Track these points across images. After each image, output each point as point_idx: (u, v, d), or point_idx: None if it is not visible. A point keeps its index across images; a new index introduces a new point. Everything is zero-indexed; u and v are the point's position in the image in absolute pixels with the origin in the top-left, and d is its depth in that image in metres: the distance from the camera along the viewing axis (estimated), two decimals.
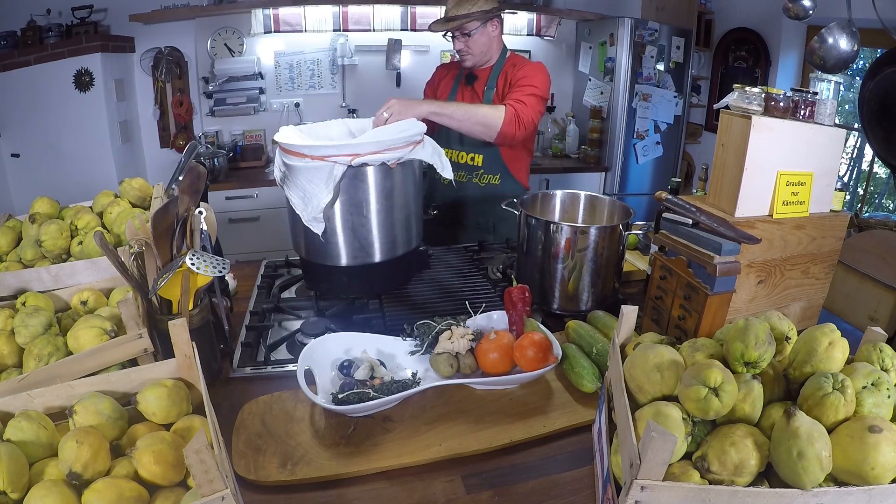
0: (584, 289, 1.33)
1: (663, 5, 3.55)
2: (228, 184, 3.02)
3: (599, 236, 1.28)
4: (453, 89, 1.99)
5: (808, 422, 0.64)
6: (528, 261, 1.38)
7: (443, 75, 2.06)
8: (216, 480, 0.56)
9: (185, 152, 1.29)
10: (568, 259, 1.30)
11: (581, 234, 1.28)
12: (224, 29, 3.29)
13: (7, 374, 0.93)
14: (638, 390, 0.79)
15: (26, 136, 2.94)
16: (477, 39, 1.83)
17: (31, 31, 2.89)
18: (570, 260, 1.29)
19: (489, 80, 1.91)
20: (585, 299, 1.34)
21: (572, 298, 1.35)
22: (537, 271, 1.36)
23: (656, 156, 3.70)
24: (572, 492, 0.85)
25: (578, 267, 1.30)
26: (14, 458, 0.64)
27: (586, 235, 1.28)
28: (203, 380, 0.78)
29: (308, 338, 1.19)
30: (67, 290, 1.10)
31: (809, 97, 1.18)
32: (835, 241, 1.26)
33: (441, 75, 2.07)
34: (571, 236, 1.29)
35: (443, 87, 2.03)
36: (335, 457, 0.89)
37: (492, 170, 1.94)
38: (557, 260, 1.31)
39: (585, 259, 1.29)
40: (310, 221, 1.25)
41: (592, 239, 1.28)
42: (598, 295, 1.35)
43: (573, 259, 1.29)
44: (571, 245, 1.29)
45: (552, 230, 1.30)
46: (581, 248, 1.28)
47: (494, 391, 1.06)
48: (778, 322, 0.84)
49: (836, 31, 2.02)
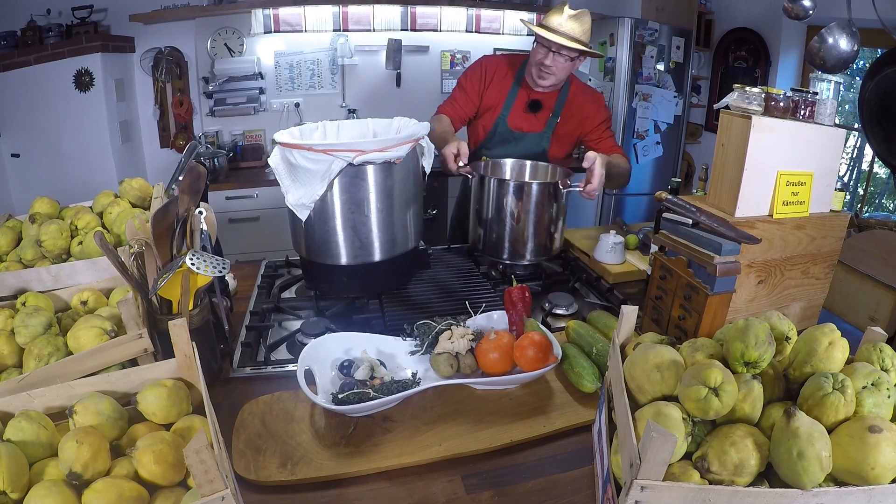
0: (529, 239, 1.53)
1: (663, 5, 3.55)
2: (228, 184, 3.02)
3: (540, 191, 1.49)
4: (507, 103, 1.86)
5: (808, 422, 0.64)
6: (480, 219, 1.58)
7: (492, 75, 1.86)
8: (216, 480, 0.56)
9: (185, 152, 1.29)
10: (518, 213, 1.50)
11: (526, 189, 1.49)
12: (224, 29, 3.29)
13: (7, 374, 0.93)
14: (638, 390, 0.79)
15: (26, 136, 2.94)
16: (569, 66, 1.74)
17: (31, 31, 2.89)
18: (519, 213, 1.50)
19: (555, 107, 1.86)
20: (531, 248, 1.54)
21: (520, 249, 1.54)
22: (489, 227, 1.56)
23: (656, 156, 3.70)
24: (572, 492, 0.85)
25: (524, 219, 1.51)
26: (14, 458, 0.64)
27: (530, 189, 1.49)
28: (203, 380, 0.78)
29: (308, 338, 1.19)
30: (67, 290, 1.10)
31: (809, 97, 1.18)
32: (835, 241, 1.26)
33: (490, 75, 1.87)
34: (517, 192, 1.49)
35: (494, 93, 1.87)
36: (335, 457, 0.89)
37: None
38: (506, 214, 1.51)
39: (530, 212, 1.50)
40: (295, 206, 1.25)
41: (535, 193, 1.48)
42: (542, 246, 1.55)
43: (519, 212, 1.50)
44: (518, 199, 1.49)
45: (503, 187, 1.51)
46: (526, 202, 1.49)
47: (494, 391, 1.06)
48: (778, 322, 0.84)
49: (836, 31, 2.02)
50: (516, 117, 1.88)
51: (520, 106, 1.87)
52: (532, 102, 1.85)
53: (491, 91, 1.88)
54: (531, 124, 1.87)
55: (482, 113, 1.91)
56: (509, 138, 1.89)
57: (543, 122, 1.87)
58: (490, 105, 1.88)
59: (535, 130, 1.88)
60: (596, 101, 1.90)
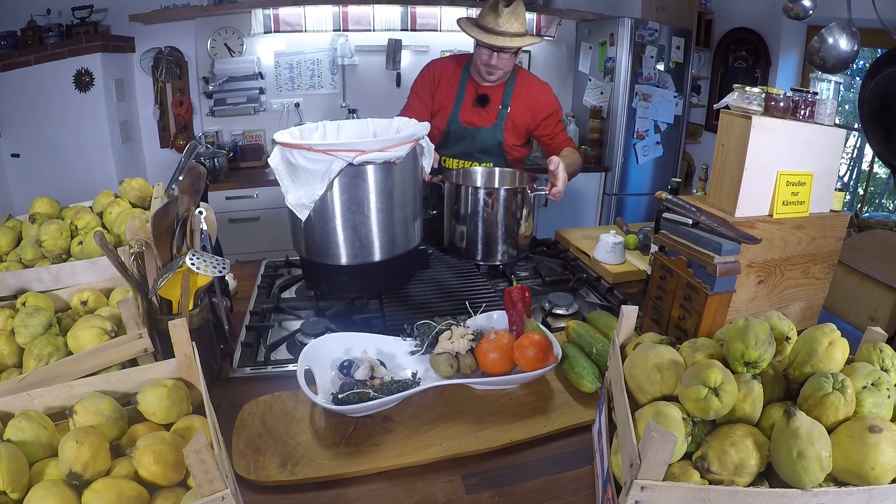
0: (500, 240, 1.61)
1: (663, 5, 3.55)
2: (228, 184, 3.02)
3: (508, 196, 1.57)
4: (457, 101, 1.91)
5: (808, 422, 0.64)
6: (455, 223, 1.65)
7: (440, 76, 1.93)
8: (216, 480, 0.56)
9: (185, 152, 1.29)
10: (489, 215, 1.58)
11: (495, 195, 1.57)
12: (224, 29, 3.29)
13: (7, 374, 0.93)
14: (638, 390, 0.79)
15: (26, 136, 2.94)
16: (510, 60, 1.82)
17: (31, 31, 2.89)
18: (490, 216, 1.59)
19: (503, 99, 1.89)
20: (502, 250, 1.62)
21: (491, 249, 1.62)
22: (463, 230, 1.63)
23: (656, 156, 3.70)
24: (572, 492, 0.85)
25: (494, 222, 1.59)
26: (14, 458, 0.64)
27: (498, 195, 1.57)
28: (203, 380, 0.78)
29: (308, 338, 1.19)
30: (67, 290, 1.10)
31: (809, 97, 1.18)
32: (835, 241, 1.26)
33: (438, 76, 1.93)
34: (487, 197, 1.57)
35: (443, 93, 1.92)
36: (335, 457, 0.89)
37: None
38: (479, 217, 1.59)
39: (500, 215, 1.58)
40: (295, 206, 1.25)
41: (503, 198, 1.57)
42: (513, 246, 1.62)
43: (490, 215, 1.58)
44: (487, 204, 1.58)
45: (476, 194, 1.59)
46: (494, 207, 1.57)
47: (494, 391, 1.06)
48: (778, 322, 0.84)
49: (836, 31, 2.02)
50: (467, 113, 1.92)
51: (469, 102, 1.92)
52: (479, 97, 1.90)
53: (441, 91, 1.94)
54: (482, 119, 1.91)
55: (435, 114, 1.95)
56: (463, 135, 1.92)
57: (494, 115, 1.91)
58: (441, 105, 1.94)
59: (488, 125, 1.91)
60: (544, 92, 1.95)
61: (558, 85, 3.89)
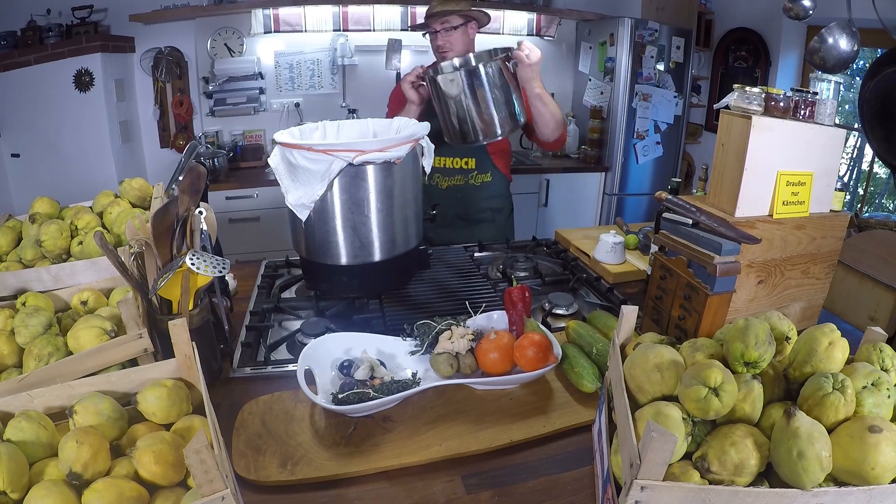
0: (494, 114, 1.61)
1: (663, 5, 3.55)
2: (228, 184, 3.02)
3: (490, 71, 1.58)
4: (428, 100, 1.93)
5: (808, 422, 0.64)
6: (446, 114, 1.65)
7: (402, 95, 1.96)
8: (216, 480, 0.56)
9: (185, 152, 1.29)
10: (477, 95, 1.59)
11: (476, 73, 1.58)
12: (224, 29, 3.29)
13: (7, 374, 0.93)
14: (638, 390, 0.79)
15: (26, 136, 2.94)
16: (459, 37, 1.87)
17: (31, 31, 2.89)
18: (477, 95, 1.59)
19: None
20: (499, 121, 1.62)
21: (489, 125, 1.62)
22: (454, 117, 1.63)
23: (656, 156, 3.70)
24: (572, 492, 0.85)
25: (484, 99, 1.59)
26: (14, 458, 0.64)
27: (478, 71, 1.58)
28: (203, 380, 0.78)
29: (308, 338, 1.19)
30: (67, 290, 1.10)
31: (809, 97, 1.18)
32: (835, 241, 1.26)
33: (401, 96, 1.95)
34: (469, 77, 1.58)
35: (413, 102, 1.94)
36: (335, 457, 0.89)
37: (483, 169, 2.01)
38: (468, 100, 1.59)
39: (486, 92, 1.59)
40: (295, 206, 1.26)
41: (484, 73, 1.57)
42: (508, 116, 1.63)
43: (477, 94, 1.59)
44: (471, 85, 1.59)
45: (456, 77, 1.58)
46: (479, 85, 1.58)
47: (494, 391, 1.06)
48: (778, 322, 0.84)
49: (836, 31, 2.02)
50: None
51: None
52: None
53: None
54: None
55: None
56: None
57: None
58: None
59: None
60: None
61: (558, 85, 3.90)
